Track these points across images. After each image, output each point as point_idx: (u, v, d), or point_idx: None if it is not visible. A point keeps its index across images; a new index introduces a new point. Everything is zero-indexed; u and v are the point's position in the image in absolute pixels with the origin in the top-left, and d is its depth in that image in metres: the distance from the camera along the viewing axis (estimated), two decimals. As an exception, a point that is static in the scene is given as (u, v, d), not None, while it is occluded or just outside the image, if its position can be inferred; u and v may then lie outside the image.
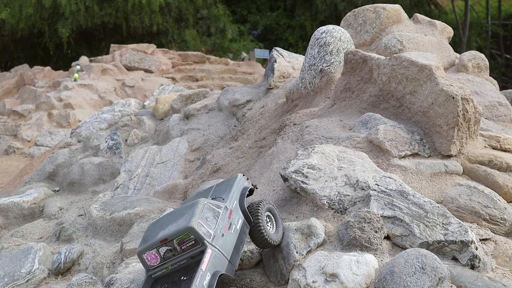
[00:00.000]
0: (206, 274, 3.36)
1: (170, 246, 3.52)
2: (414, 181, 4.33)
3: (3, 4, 20.79)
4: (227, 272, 3.51)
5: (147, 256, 3.58)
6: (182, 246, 3.50)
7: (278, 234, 3.88)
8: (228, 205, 3.70)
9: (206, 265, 3.39)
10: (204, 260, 3.39)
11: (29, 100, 16.82)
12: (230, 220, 3.65)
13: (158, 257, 3.55)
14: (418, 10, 23.62)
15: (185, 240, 3.47)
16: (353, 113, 5.13)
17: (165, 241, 3.51)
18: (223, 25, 24.11)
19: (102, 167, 7.02)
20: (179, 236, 3.47)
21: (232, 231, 3.63)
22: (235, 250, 3.63)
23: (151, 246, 3.55)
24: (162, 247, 3.53)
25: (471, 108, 4.51)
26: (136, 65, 18.18)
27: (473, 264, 3.76)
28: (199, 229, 3.45)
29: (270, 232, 3.82)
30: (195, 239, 3.44)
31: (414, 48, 5.84)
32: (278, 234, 3.88)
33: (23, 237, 6.06)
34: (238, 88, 7.31)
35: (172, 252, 3.53)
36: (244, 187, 3.94)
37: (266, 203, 3.89)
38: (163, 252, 3.54)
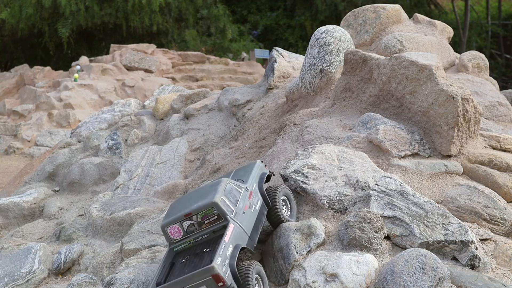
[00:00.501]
0: (229, 246, 3.57)
1: (194, 221, 3.73)
2: (414, 181, 4.33)
3: (3, 4, 20.79)
4: (247, 246, 3.72)
5: (170, 229, 3.78)
6: (205, 220, 3.71)
7: (293, 218, 4.12)
8: (248, 186, 3.93)
9: (229, 238, 3.60)
10: (227, 233, 3.60)
11: (29, 100, 16.82)
12: (250, 201, 3.88)
13: (181, 231, 3.76)
14: (418, 10, 23.61)
15: (209, 215, 3.69)
16: (353, 113, 5.13)
17: (189, 216, 3.72)
18: (223, 25, 24.10)
19: (102, 167, 7.02)
20: (203, 210, 3.69)
21: (252, 210, 3.86)
22: (255, 228, 3.84)
23: (175, 220, 3.75)
24: (186, 221, 3.74)
25: (471, 108, 4.51)
26: (136, 65, 18.17)
27: (473, 264, 3.76)
28: (222, 204, 3.67)
29: (285, 214, 4.05)
30: (218, 214, 3.67)
31: (414, 48, 5.84)
32: (293, 218, 4.12)
33: (23, 237, 6.06)
34: (238, 88, 7.31)
35: (195, 226, 3.74)
36: (263, 172, 4.18)
37: (283, 187, 4.13)
38: (186, 226, 3.75)
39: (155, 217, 5.16)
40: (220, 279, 3.44)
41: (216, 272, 3.43)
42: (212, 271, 3.43)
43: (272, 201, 4.01)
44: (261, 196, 3.99)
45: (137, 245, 4.77)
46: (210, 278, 3.46)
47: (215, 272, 3.43)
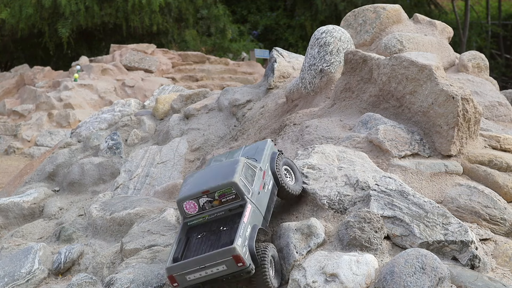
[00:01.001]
0: (248, 226, 3.69)
1: (211, 198, 3.84)
2: (414, 181, 4.33)
3: (3, 4, 20.77)
4: (262, 226, 3.84)
5: (186, 204, 3.88)
6: (222, 198, 3.82)
7: (298, 185, 4.21)
8: (262, 166, 4.04)
9: (247, 218, 3.71)
10: (245, 213, 3.72)
11: (29, 100, 16.81)
12: (264, 180, 4.00)
13: (196, 206, 3.86)
14: (418, 10, 23.59)
15: (227, 194, 3.80)
16: (353, 113, 5.13)
17: (207, 193, 3.82)
18: (223, 25, 24.08)
19: (102, 167, 7.01)
20: (222, 189, 3.80)
21: (265, 190, 3.97)
22: (268, 208, 3.96)
23: (192, 195, 3.85)
24: (203, 197, 3.84)
25: (471, 108, 4.51)
26: (136, 65, 18.16)
27: (473, 264, 3.76)
28: (241, 185, 3.78)
29: (290, 184, 4.16)
30: (236, 193, 3.78)
31: (414, 48, 5.84)
32: (298, 185, 4.21)
33: (23, 237, 6.05)
34: (238, 88, 7.30)
35: (211, 203, 3.85)
36: (274, 151, 4.27)
37: (282, 157, 4.23)
38: (202, 203, 3.86)
39: (155, 217, 5.16)
40: (241, 260, 3.55)
41: (237, 253, 3.54)
42: (234, 252, 3.54)
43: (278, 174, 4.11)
44: (272, 175, 4.10)
45: (137, 245, 4.77)
46: (230, 259, 3.56)
47: (236, 253, 3.54)
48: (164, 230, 4.90)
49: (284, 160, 4.24)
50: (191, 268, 3.65)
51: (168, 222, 4.99)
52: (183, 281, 3.69)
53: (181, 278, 3.68)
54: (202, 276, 3.66)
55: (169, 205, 5.52)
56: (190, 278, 3.67)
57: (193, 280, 3.67)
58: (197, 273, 3.65)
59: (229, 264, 3.58)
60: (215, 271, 3.62)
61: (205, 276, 3.65)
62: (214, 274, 3.63)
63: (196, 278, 3.67)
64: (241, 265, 3.57)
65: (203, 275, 3.65)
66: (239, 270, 3.59)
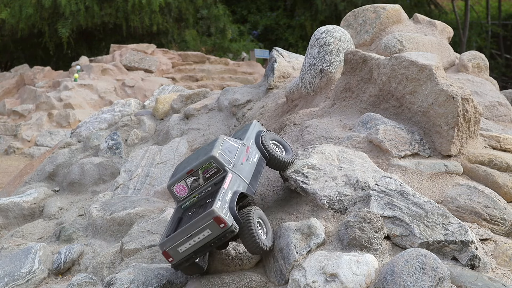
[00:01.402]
0: (228, 192, 3.87)
1: (196, 176, 4.02)
2: (414, 181, 4.33)
3: (3, 4, 20.77)
4: (247, 192, 4.01)
5: (176, 188, 4.06)
6: (206, 174, 4.01)
7: (288, 155, 4.44)
8: (245, 142, 4.25)
9: (227, 185, 3.90)
10: (226, 181, 3.91)
11: (29, 100, 16.81)
12: (248, 154, 4.20)
13: (186, 188, 4.05)
14: (418, 10, 23.60)
15: (209, 169, 3.99)
16: (353, 113, 5.13)
17: (191, 172, 4.01)
18: (223, 25, 24.08)
19: (102, 167, 7.01)
20: (203, 165, 3.99)
21: (249, 162, 4.17)
22: (254, 177, 4.15)
23: (179, 178, 4.04)
24: (189, 178, 4.02)
25: (471, 108, 4.51)
26: (136, 65, 18.17)
27: (473, 264, 3.76)
28: (220, 157, 3.98)
29: (283, 155, 4.39)
30: (217, 166, 3.97)
31: (414, 48, 5.84)
32: (288, 155, 4.44)
33: (23, 237, 6.05)
34: (238, 88, 7.30)
35: (198, 182, 4.03)
36: (259, 130, 4.48)
37: (268, 133, 4.46)
38: (190, 183, 4.04)
39: (155, 217, 5.16)
40: (221, 221, 3.69)
41: (217, 215, 3.68)
42: (213, 214, 3.68)
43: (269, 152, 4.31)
44: (258, 150, 4.29)
45: (137, 245, 4.77)
46: (212, 221, 3.69)
47: (216, 215, 3.69)
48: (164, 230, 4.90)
49: (271, 135, 4.45)
50: (180, 239, 3.77)
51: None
52: (177, 255, 3.81)
53: (174, 252, 3.80)
54: (192, 245, 3.78)
55: (169, 205, 5.52)
56: (182, 249, 3.79)
57: (185, 251, 3.79)
58: (187, 243, 3.77)
59: (212, 227, 3.71)
60: (202, 238, 3.75)
61: (194, 244, 3.77)
62: (202, 240, 3.76)
63: (187, 249, 3.79)
64: (223, 226, 3.71)
65: (192, 244, 3.77)
66: (223, 231, 3.72)
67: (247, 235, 3.81)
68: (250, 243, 3.82)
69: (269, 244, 3.92)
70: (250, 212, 3.89)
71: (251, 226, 3.81)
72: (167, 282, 3.99)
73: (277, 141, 4.50)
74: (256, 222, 3.89)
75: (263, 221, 3.98)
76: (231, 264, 3.99)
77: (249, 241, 3.82)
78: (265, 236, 3.94)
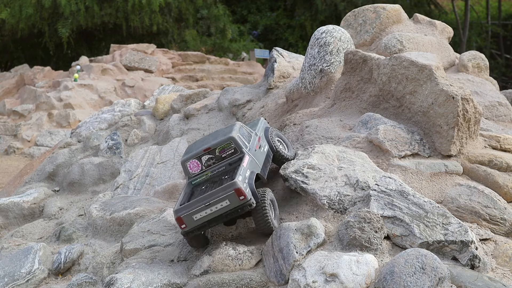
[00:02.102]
0: (247, 170, 4.09)
1: (212, 155, 4.21)
2: (414, 181, 4.33)
3: (3, 4, 20.77)
4: (261, 173, 4.25)
5: (190, 164, 4.24)
6: (223, 154, 4.20)
7: (291, 152, 4.69)
8: (257, 133, 4.52)
9: (246, 164, 4.12)
10: (244, 161, 4.12)
11: (29, 100, 16.81)
12: (260, 143, 4.45)
13: (199, 165, 4.23)
14: (418, 10, 23.59)
15: (226, 149, 4.19)
16: (353, 113, 5.13)
17: (208, 150, 4.20)
18: (223, 25, 24.08)
19: (102, 167, 7.01)
20: (222, 145, 4.19)
21: (261, 150, 4.43)
22: (265, 164, 4.39)
23: (195, 155, 4.23)
24: (205, 155, 4.22)
25: (471, 108, 4.51)
26: (136, 65, 18.16)
27: (473, 264, 3.76)
28: (238, 139, 4.20)
29: (287, 152, 4.64)
30: (235, 147, 4.18)
31: (414, 48, 5.84)
32: (291, 152, 4.69)
33: (23, 237, 6.05)
34: (238, 88, 7.30)
35: (213, 160, 4.21)
36: (267, 126, 4.76)
37: (274, 129, 4.72)
38: (205, 160, 4.22)
39: (155, 217, 5.16)
40: (242, 193, 3.88)
41: (239, 186, 3.87)
42: (235, 185, 3.87)
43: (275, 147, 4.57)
44: (267, 142, 4.56)
45: (137, 245, 4.77)
46: (232, 193, 3.87)
47: (238, 186, 3.87)
48: (164, 230, 4.90)
49: (276, 132, 4.72)
50: (197, 208, 3.92)
51: (168, 222, 4.99)
52: (191, 222, 3.96)
53: (188, 219, 3.95)
54: (208, 214, 3.93)
55: (169, 205, 5.52)
56: (197, 217, 3.95)
57: (200, 219, 3.95)
58: (203, 212, 3.93)
59: (232, 199, 3.88)
60: (219, 207, 3.91)
61: (211, 213, 3.93)
62: (219, 210, 3.91)
63: (202, 217, 3.95)
64: (243, 199, 3.88)
65: (209, 213, 3.93)
66: (241, 204, 3.89)
67: (260, 214, 3.99)
68: (263, 222, 4.00)
69: (276, 225, 4.10)
70: (265, 193, 4.07)
71: (265, 206, 3.99)
72: (167, 282, 3.99)
73: (280, 138, 4.74)
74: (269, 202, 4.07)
75: (273, 203, 4.16)
76: (231, 264, 3.99)
77: (261, 220, 4.00)
78: (274, 217, 4.12)
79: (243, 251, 4.03)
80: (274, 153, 4.54)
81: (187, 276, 4.04)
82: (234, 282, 3.83)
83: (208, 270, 3.99)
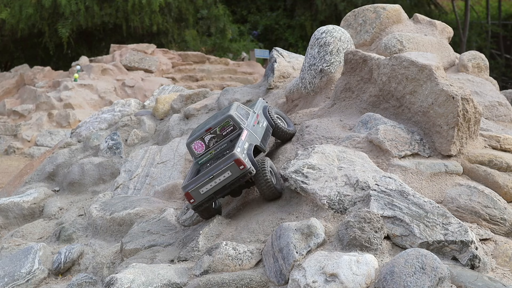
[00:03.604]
0: (245, 143, 4.46)
1: (214, 134, 4.58)
2: (414, 181, 4.33)
3: (3, 4, 20.76)
4: (260, 145, 4.64)
5: (194, 145, 4.61)
6: (223, 132, 4.58)
7: (292, 127, 5.10)
8: (255, 111, 4.88)
9: (244, 138, 4.48)
10: (243, 135, 4.49)
11: (29, 100, 16.80)
12: (258, 119, 4.81)
13: (203, 145, 4.60)
14: (418, 10, 23.59)
15: (226, 127, 4.57)
16: (353, 113, 5.13)
17: (210, 130, 4.59)
18: (223, 25, 24.07)
19: (102, 167, 7.01)
20: (221, 124, 4.57)
21: (260, 126, 4.79)
22: (264, 137, 4.78)
23: (198, 136, 4.61)
24: (207, 135, 4.59)
25: (471, 108, 4.51)
26: (136, 65, 18.16)
27: (473, 264, 3.76)
28: (236, 117, 4.57)
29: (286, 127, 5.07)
30: (234, 124, 4.56)
31: (414, 48, 5.84)
32: (292, 127, 5.10)
33: (23, 237, 6.05)
34: (238, 88, 7.31)
35: (215, 139, 4.59)
36: (265, 105, 5.13)
37: (272, 107, 5.09)
38: (207, 140, 4.59)
39: (155, 217, 5.16)
40: (241, 163, 4.26)
41: (238, 157, 4.26)
42: (234, 156, 4.26)
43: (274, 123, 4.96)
44: (266, 119, 4.94)
45: (137, 245, 4.77)
46: (233, 163, 4.26)
47: (236, 157, 4.26)
48: (164, 230, 4.91)
49: (275, 110, 5.12)
50: (202, 181, 4.32)
51: (168, 222, 4.99)
52: (198, 196, 4.36)
53: (196, 193, 4.36)
54: (213, 187, 4.33)
55: (169, 205, 5.52)
56: (203, 191, 4.35)
57: (206, 192, 4.35)
58: (208, 185, 4.33)
59: (233, 169, 4.27)
60: (222, 179, 4.30)
61: (216, 185, 4.33)
62: (222, 181, 4.31)
63: (208, 190, 4.35)
64: (242, 168, 4.26)
65: (214, 185, 4.33)
66: (242, 172, 4.27)
67: (262, 180, 4.35)
68: (265, 187, 4.37)
69: (279, 187, 4.46)
70: (264, 161, 4.45)
71: (265, 172, 4.35)
72: (167, 282, 3.99)
73: (280, 115, 5.14)
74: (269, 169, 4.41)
75: (273, 170, 4.52)
76: (231, 264, 3.99)
77: (264, 186, 4.36)
78: (276, 182, 4.46)
79: (243, 251, 4.03)
80: (273, 128, 4.92)
81: (187, 276, 4.04)
82: (234, 282, 3.83)
83: (208, 270, 3.99)
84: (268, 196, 4.43)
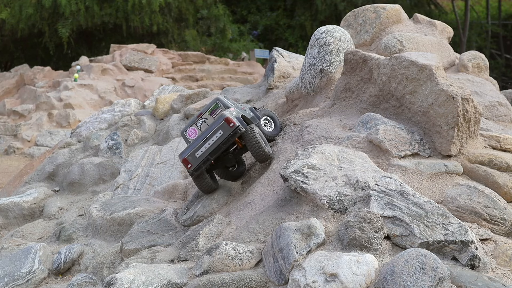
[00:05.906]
0: (233, 112, 4.79)
1: (205, 118, 4.88)
2: (414, 181, 4.33)
3: (3, 4, 20.77)
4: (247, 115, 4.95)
5: (188, 132, 4.90)
6: (213, 115, 4.86)
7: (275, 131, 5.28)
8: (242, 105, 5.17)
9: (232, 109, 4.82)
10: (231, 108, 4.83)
11: (29, 100, 16.81)
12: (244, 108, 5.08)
13: (196, 130, 4.88)
14: (418, 10, 23.60)
15: (215, 109, 4.88)
16: (353, 113, 5.13)
17: (201, 115, 4.90)
18: (223, 25, 24.08)
19: (102, 167, 7.01)
20: (211, 107, 4.90)
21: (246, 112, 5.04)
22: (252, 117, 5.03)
23: (191, 122, 4.90)
24: (199, 121, 4.89)
25: (471, 108, 4.51)
26: (136, 65, 18.16)
27: (473, 264, 3.76)
28: (224, 99, 4.91)
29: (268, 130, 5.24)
30: (221, 106, 4.86)
31: (414, 48, 5.84)
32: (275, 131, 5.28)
33: (23, 237, 6.06)
34: (238, 88, 7.31)
35: (207, 122, 4.87)
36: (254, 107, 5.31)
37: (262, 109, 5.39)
38: (200, 125, 4.89)
39: (155, 217, 5.16)
40: (231, 120, 4.62)
41: (227, 116, 4.63)
42: (224, 116, 4.63)
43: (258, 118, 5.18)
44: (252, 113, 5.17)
45: (137, 245, 4.77)
46: (223, 122, 4.62)
47: (226, 116, 4.63)
48: (164, 230, 4.91)
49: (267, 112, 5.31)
50: (197, 145, 4.65)
51: (168, 222, 4.99)
52: (194, 160, 4.67)
53: (192, 158, 4.67)
54: (207, 148, 4.64)
55: (169, 205, 5.52)
56: (199, 154, 4.66)
57: (202, 155, 4.66)
58: (203, 147, 4.65)
59: (223, 128, 4.62)
60: (215, 139, 4.62)
61: (209, 147, 4.64)
62: (215, 142, 4.63)
63: (203, 152, 4.66)
64: (232, 125, 4.60)
65: (208, 147, 4.64)
66: (232, 130, 4.60)
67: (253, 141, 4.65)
68: (257, 147, 4.67)
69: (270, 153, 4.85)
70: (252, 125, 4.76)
71: (255, 133, 4.66)
72: (167, 282, 3.99)
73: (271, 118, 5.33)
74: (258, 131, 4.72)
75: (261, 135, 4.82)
76: (231, 264, 3.99)
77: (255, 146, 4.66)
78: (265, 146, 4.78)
79: (243, 251, 4.03)
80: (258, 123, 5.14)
81: (187, 276, 4.04)
82: (234, 282, 3.83)
83: (208, 270, 3.99)
84: (259, 157, 4.74)
